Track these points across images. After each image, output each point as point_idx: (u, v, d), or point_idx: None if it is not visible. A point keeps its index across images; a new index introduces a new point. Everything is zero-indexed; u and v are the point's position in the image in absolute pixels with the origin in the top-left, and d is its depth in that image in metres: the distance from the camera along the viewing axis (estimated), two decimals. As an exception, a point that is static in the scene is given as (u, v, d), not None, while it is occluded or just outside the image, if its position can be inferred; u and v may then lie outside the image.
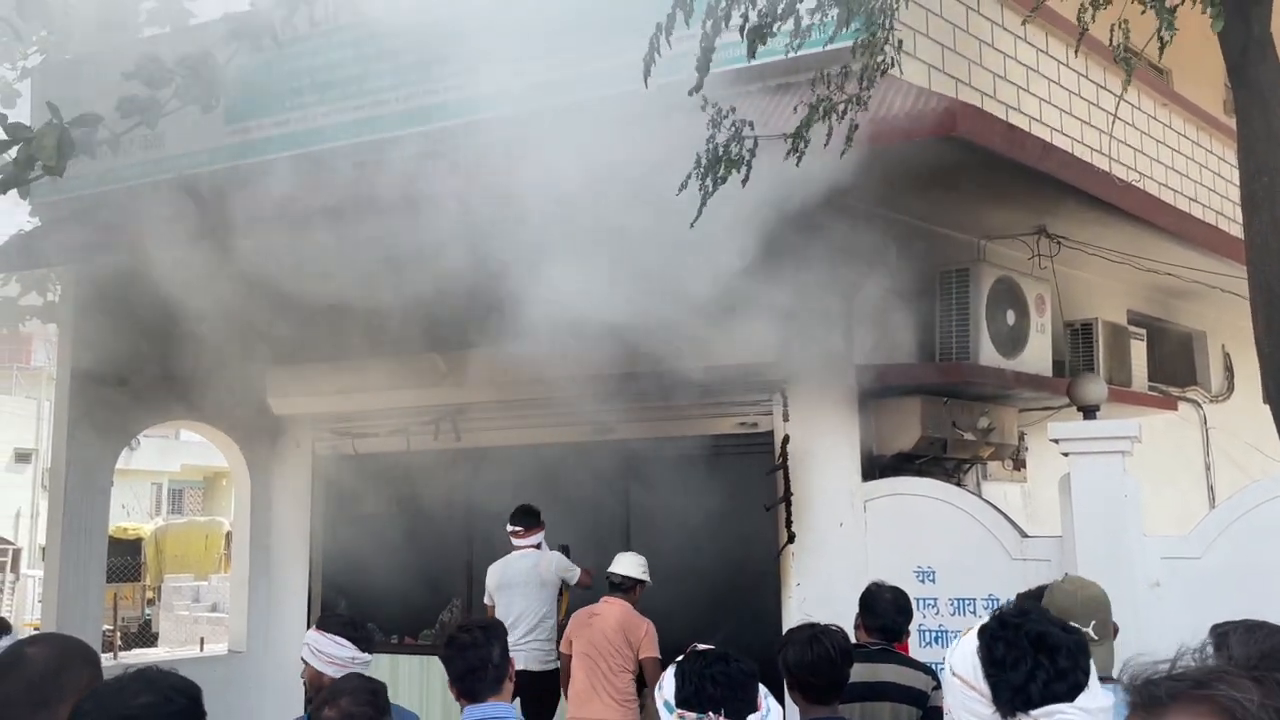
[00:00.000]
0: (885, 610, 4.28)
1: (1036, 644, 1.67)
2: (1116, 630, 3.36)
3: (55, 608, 7.75)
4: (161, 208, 6.61)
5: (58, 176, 5.06)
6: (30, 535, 26.28)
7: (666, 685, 2.59)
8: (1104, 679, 3.17)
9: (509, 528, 6.79)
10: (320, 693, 3.09)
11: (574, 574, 6.75)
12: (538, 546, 6.76)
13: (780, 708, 2.58)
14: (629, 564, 6.21)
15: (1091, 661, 1.73)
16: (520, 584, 6.62)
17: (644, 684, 5.97)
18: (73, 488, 7.89)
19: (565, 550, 6.89)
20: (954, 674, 1.74)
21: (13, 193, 5.81)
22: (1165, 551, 5.56)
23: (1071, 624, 1.78)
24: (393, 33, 6.81)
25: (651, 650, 5.99)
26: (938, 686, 4.10)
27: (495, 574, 6.76)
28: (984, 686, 1.67)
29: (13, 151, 5.17)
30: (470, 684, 3.25)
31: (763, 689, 2.56)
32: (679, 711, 2.50)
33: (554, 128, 6.40)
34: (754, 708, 2.49)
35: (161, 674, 2.06)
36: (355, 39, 6.95)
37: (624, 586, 6.14)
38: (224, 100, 5.88)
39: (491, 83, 6.45)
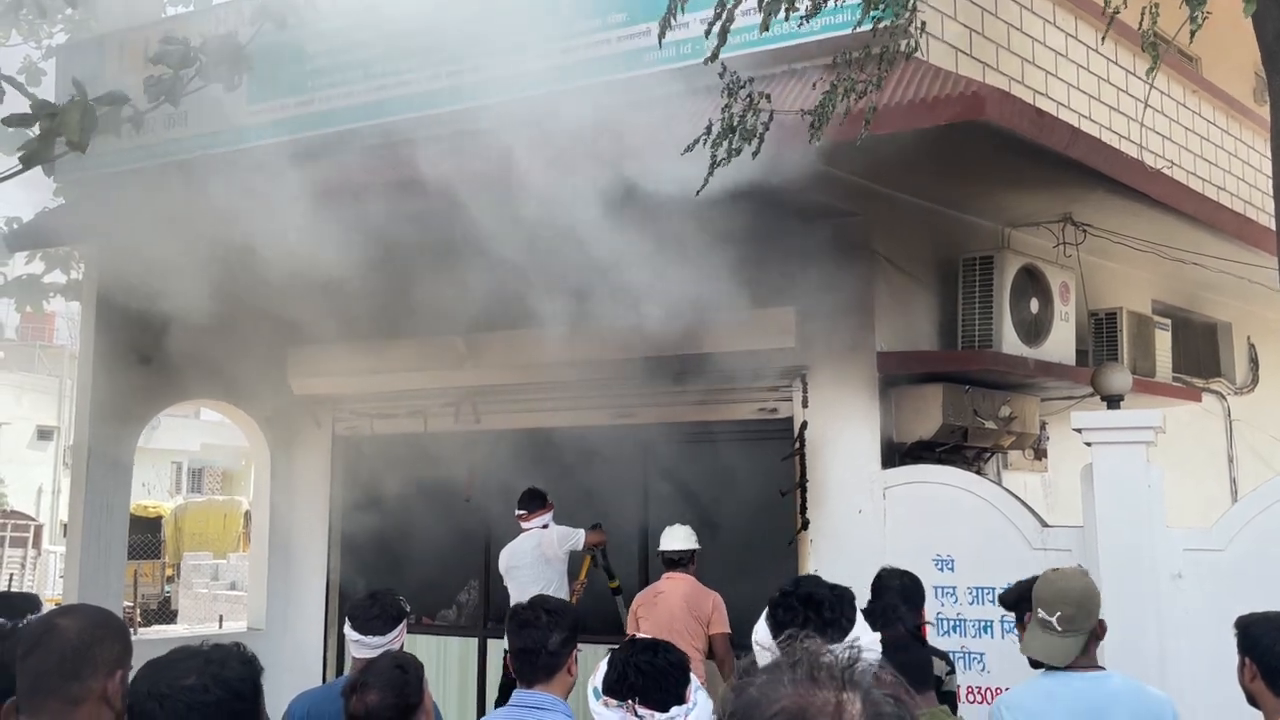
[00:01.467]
0: (892, 597, 4.27)
1: (805, 602, 2.04)
2: (1103, 628, 3.32)
3: (77, 584, 7.82)
4: (183, 186, 6.62)
5: (81, 153, 5.07)
6: (52, 511, 26.58)
7: (599, 670, 2.59)
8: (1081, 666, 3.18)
9: (516, 511, 6.80)
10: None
11: (577, 539, 6.69)
12: (544, 528, 6.76)
13: (711, 701, 2.55)
14: (680, 537, 6.19)
15: (857, 609, 2.09)
16: (527, 565, 6.64)
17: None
18: (95, 465, 7.95)
19: (597, 528, 6.88)
20: (756, 643, 2.07)
21: (37, 170, 5.83)
22: (1187, 544, 5.51)
23: (837, 585, 2.14)
24: (417, 13, 6.79)
25: (721, 625, 5.85)
26: (951, 672, 4.10)
27: (504, 558, 6.80)
28: (775, 647, 1.99)
29: (37, 128, 5.18)
30: (521, 664, 3.12)
31: (695, 682, 2.55)
32: (604, 698, 2.50)
33: (570, 108, 6.37)
34: (679, 700, 2.46)
35: (218, 659, 2.00)
36: (379, 19, 6.93)
37: (681, 560, 6.11)
38: (247, 79, 5.87)
39: (511, 66, 6.42)
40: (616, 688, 2.46)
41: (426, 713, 2.95)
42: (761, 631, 2.05)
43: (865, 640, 1.98)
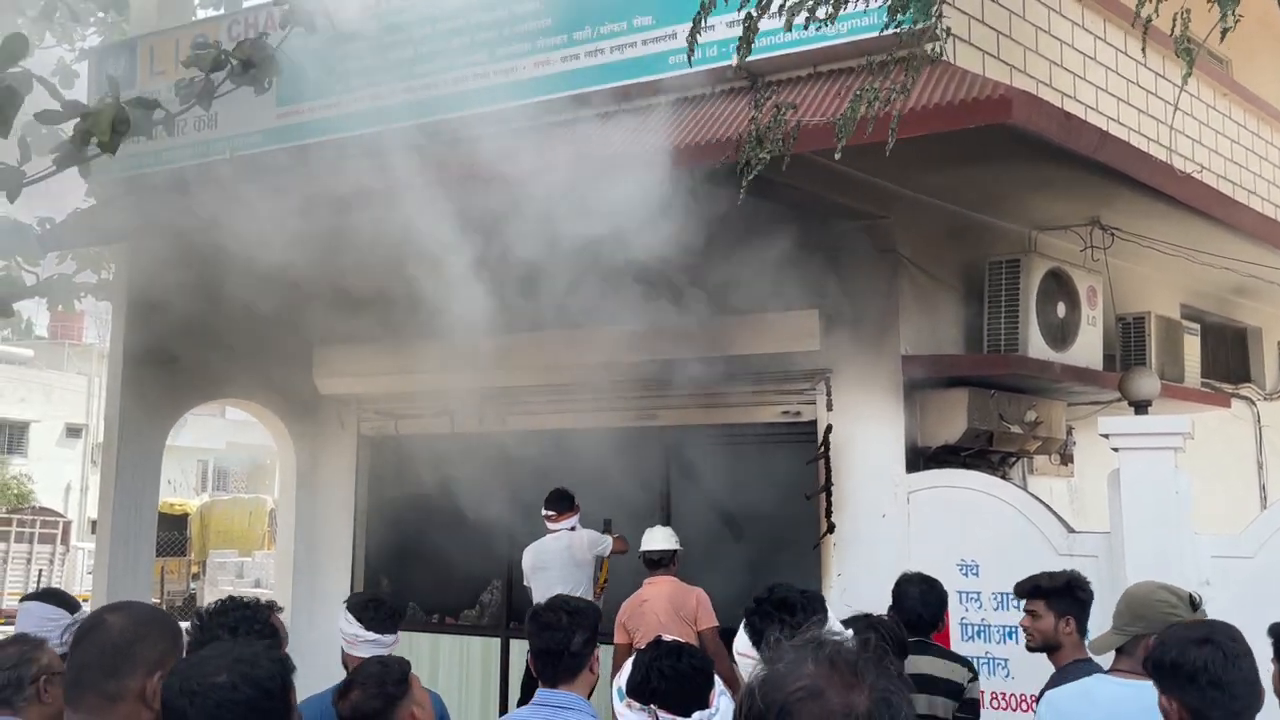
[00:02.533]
0: (911, 603, 4.26)
1: (779, 606, 2.14)
2: (1145, 640, 3.26)
3: (105, 580, 7.91)
4: (213, 188, 6.69)
5: (111, 154, 5.14)
6: (80, 508, 26.89)
7: (624, 672, 2.59)
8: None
9: (543, 511, 6.81)
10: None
11: (606, 545, 6.75)
12: (572, 529, 6.77)
13: (733, 704, 2.54)
14: (660, 538, 6.17)
15: (828, 609, 2.19)
16: (556, 566, 6.64)
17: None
18: (123, 463, 8.04)
19: (607, 525, 6.89)
20: (737, 653, 2.16)
21: (70, 171, 5.92)
22: (1216, 550, 5.46)
23: (807, 589, 2.22)
24: (447, 15, 6.83)
25: (709, 620, 5.80)
26: (974, 678, 4.09)
27: (529, 557, 6.79)
28: (754, 652, 2.09)
29: (70, 129, 5.26)
30: (544, 665, 3.12)
31: (719, 686, 2.55)
32: (627, 700, 2.51)
33: (594, 116, 6.39)
34: (702, 704, 2.47)
35: (248, 657, 2.02)
36: (408, 21, 6.98)
37: (662, 561, 6.10)
38: (276, 81, 5.93)
39: (538, 69, 6.45)
40: (639, 691, 2.47)
41: (419, 704, 2.93)
42: (742, 641, 2.12)
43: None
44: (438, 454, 8.10)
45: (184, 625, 2.47)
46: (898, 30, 4.45)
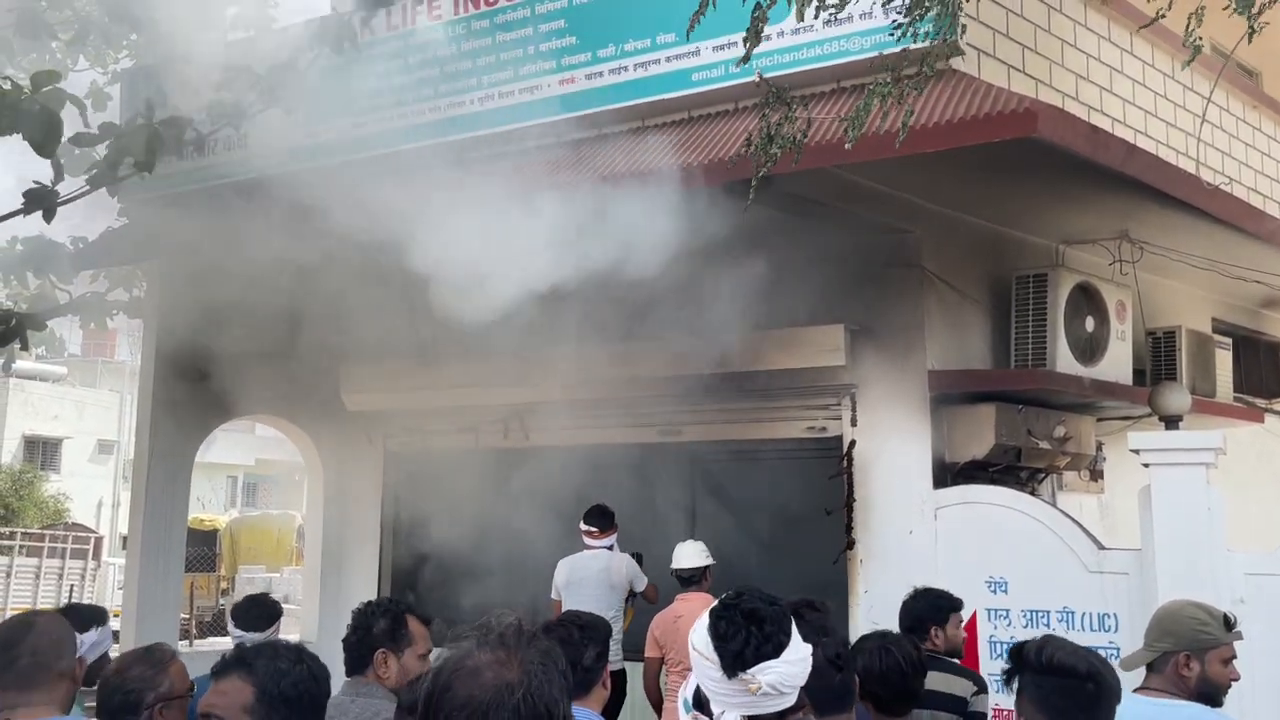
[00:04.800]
0: (902, 615, 4.29)
1: (748, 618, 2.07)
2: (1189, 665, 3.22)
3: (136, 595, 7.98)
4: (243, 207, 6.77)
5: (147, 174, 5.21)
6: (111, 524, 27.16)
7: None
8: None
9: (583, 527, 6.76)
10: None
11: (643, 582, 6.69)
12: (610, 549, 6.75)
13: None
14: (692, 554, 6.12)
15: (793, 623, 2.12)
16: (591, 584, 6.59)
17: None
18: (154, 479, 8.12)
19: (638, 558, 6.85)
20: (694, 648, 2.14)
21: (102, 190, 6.01)
22: (1249, 568, 5.39)
23: (777, 601, 2.17)
24: (469, 35, 6.90)
25: None
26: (979, 692, 4.05)
27: (564, 571, 6.75)
28: (714, 655, 2.08)
29: (103, 150, 5.34)
30: None
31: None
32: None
33: (618, 133, 6.42)
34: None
35: (266, 661, 2.23)
36: (429, 42, 7.06)
37: (694, 579, 6.07)
38: (305, 102, 6.01)
39: (563, 87, 6.50)
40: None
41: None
42: (699, 637, 2.14)
43: (801, 651, 2.11)
44: (463, 469, 8.13)
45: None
46: (913, 38, 4.42)
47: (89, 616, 3.75)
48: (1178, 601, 3.39)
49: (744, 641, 2.05)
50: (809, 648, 2.11)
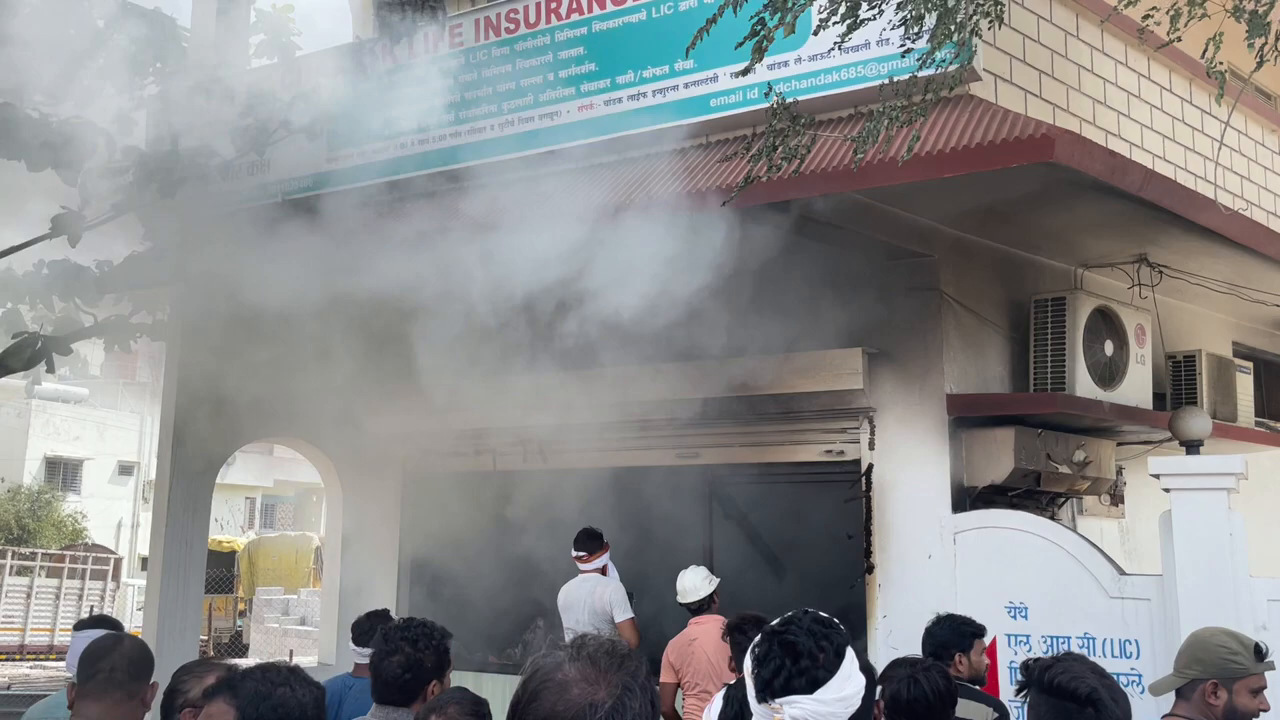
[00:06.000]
0: (926, 641, 4.31)
1: (785, 648, 2.05)
2: (1216, 693, 3.22)
3: (156, 616, 8.02)
4: (264, 231, 6.84)
5: (171, 199, 5.29)
6: (131, 545, 27.30)
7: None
8: None
9: (573, 552, 6.78)
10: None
11: (624, 613, 6.49)
12: (603, 569, 6.74)
13: None
14: (694, 584, 6.04)
15: (845, 660, 2.06)
16: (579, 609, 6.59)
17: None
18: (175, 500, 8.18)
19: (631, 598, 6.81)
20: (744, 669, 2.16)
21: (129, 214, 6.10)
22: (1273, 594, 5.34)
23: (830, 634, 2.10)
24: (490, 62, 6.98)
25: None
26: (1000, 718, 4.02)
27: (561, 596, 6.78)
28: (750, 676, 2.09)
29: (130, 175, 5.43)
30: None
31: None
32: None
33: (636, 158, 6.47)
34: None
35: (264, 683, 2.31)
36: (448, 69, 7.14)
37: (703, 608, 6.05)
38: (328, 128, 6.09)
39: (581, 113, 6.56)
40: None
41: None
42: (748, 660, 2.14)
43: (844, 692, 2.04)
44: (481, 492, 8.15)
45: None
46: (933, 64, 4.44)
47: (112, 629, 3.89)
48: (1209, 629, 3.38)
49: (775, 671, 2.03)
50: (858, 689, 2.06)
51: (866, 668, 2.14)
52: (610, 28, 6.71)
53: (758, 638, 2.14)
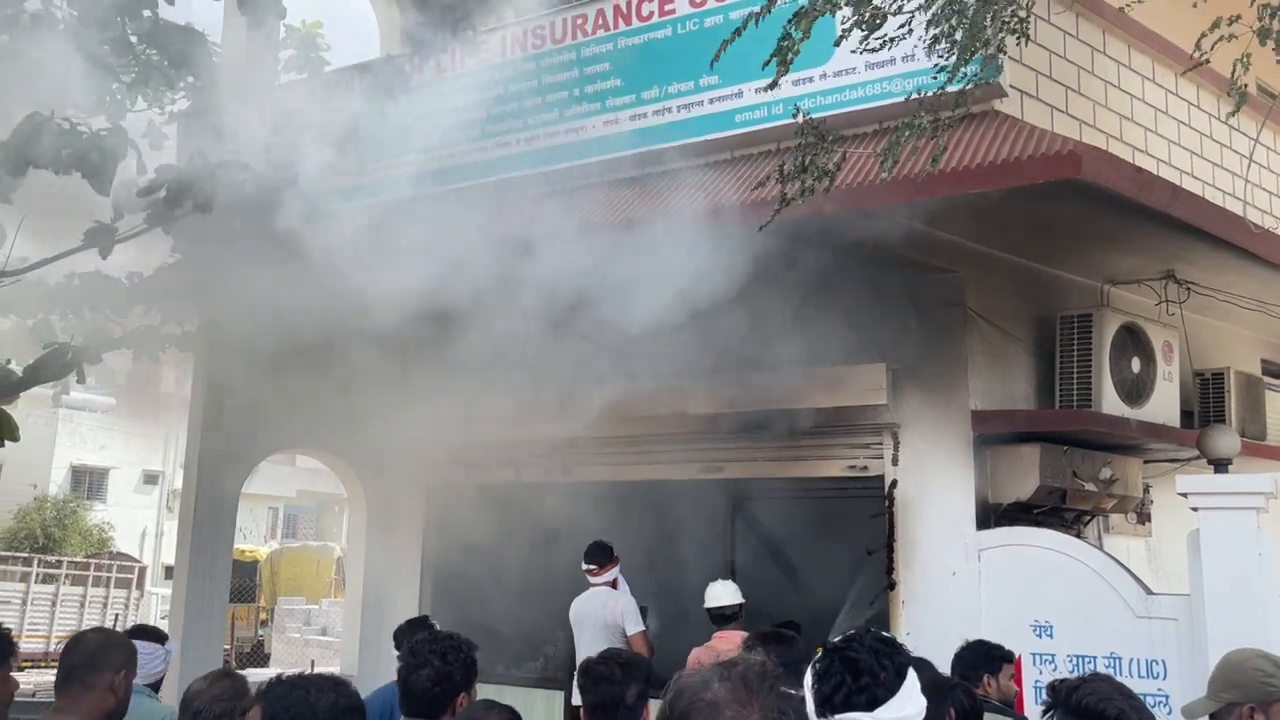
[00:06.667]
0: (955, 664, 4.29)
1: (846, 665, 2.04)
2: (1239, 710, 3.20)
3: (181, 625, 8.07)
4: (293, 244, 6.91)
5: (207, 214, 5.35)
6: (155, 554, 27.50)
7: None
8: None
9: (583, 566, 6.79)
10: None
11: (635, 626, 6.50)
12: (614, 583, 6.73)
13: None
14: (726, 592, 6.09)
15: (906, 679, 2.05)
16: (589, 623, 6.60)
17: None
18: (201, 509, 8.24)
19: (643, 612, 6.81)
20: (805, 684, 2.16)
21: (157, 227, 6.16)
22: (1304, 615, 5.28)
23: (894, 655, 2.10)
24: (511, 79, 7.03)
25: None
26: None
27: (573, 610, 6.80)
28: (810, 690, 2.07)
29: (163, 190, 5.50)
30: (598, 719, 3.15)
31: None
32: None
33: (660, 173, 6.50)
34: None
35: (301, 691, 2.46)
36: (477, 84, 7.20)
37: (732, 616, 6.04)
38: (357, 145, 6.15)
39: (606, 128, 6.60)
40: None
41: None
42: (809, 675, 2.14)
43: (904, 712, 2.04)
44: (503, 504, 8.17)
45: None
46: (963, 80, 4.44)
47: (155, 638, 4.20)
48: (1243, 651, 3.34)
49: (835, 687, 2.03)
50: (919, 711, 2.06)
51: (934, 683, 2.14)
52: (636, 44, 6.76)
53: (819, 654, 2.14)
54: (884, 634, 2.13)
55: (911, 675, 2.07)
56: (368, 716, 2.76)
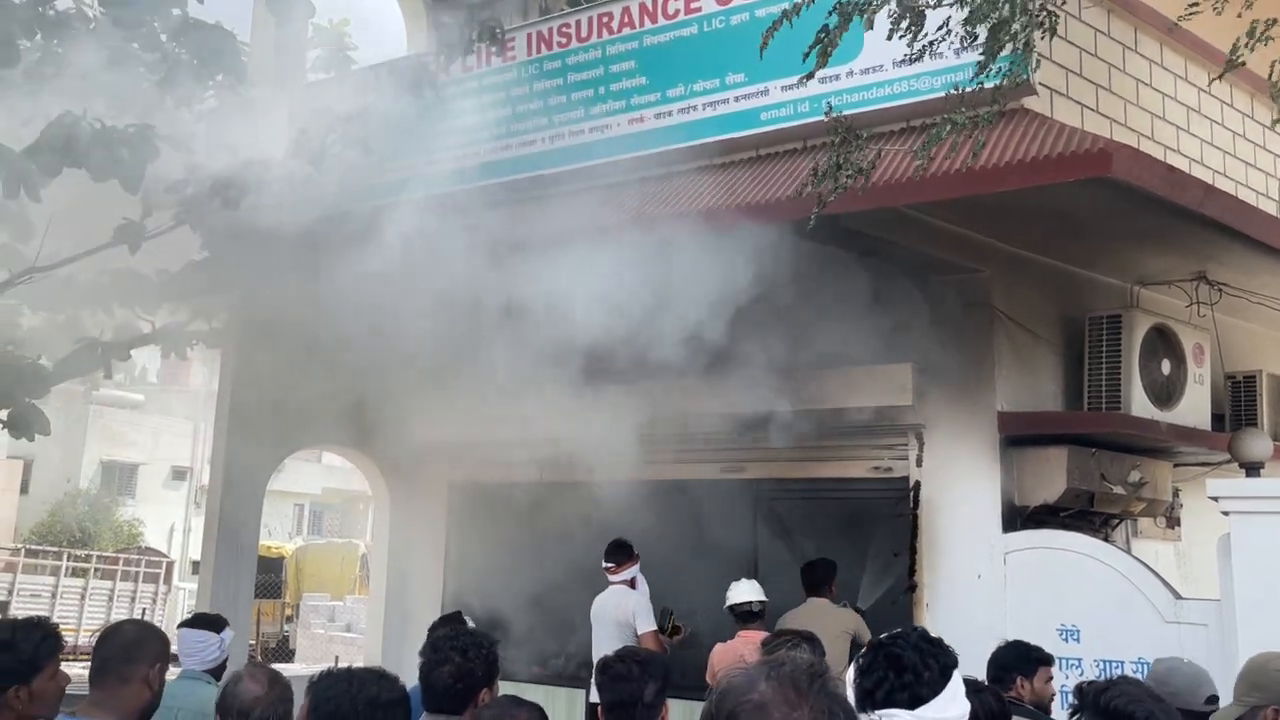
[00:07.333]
0: (990, 665, 4.25)
1: (889, 661, 2.05)
2: (1264, 713, 3.16)
3: (207, 619, 8.13)
4: (320, 242, 6.95)
5: (235, 211, 5.39)
6: (182, 549, 27.77)
7: None
8: None
9: (603, 564, 6.79)
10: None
11: (646, 625, 6.47)
12: (632, 581, 6.73)
13: None
14: (750, 590, 6.08)
15: (951, 680, 2.05)
16: (606, 621, 6.62)
17: None
18: (228, 505, 8.31)
19: (666, 613, 6.80)
20: (850, 677, 2.15)
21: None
22: (1336, 621, 5.19)
23: (938, 653, 2.09)
24: (534, 78, 7.04)
25: None
26: None
27: (592, 609, 6.82)
28: (852, 685, 2.07)
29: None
30: (616, 717, 3.12)
31: None
32: None
33: (687, 171, 6.48)
34: None
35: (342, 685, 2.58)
36: (502, 83, 7.21)
37: (757, 614, 6.03)
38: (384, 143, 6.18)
39: (631, 126, 6.59)
40: None
41: None
42: (853, 669, 2.14)
43: (947, 713, 2.04)
44: (526, 502, 8.18)
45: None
46: (996, 75, 4.40)
47: (211, 626, 4.19)
48: (1267, 654, 3.31)
49: (877, 682, 2.03)
50: (962, 713, 2.05)
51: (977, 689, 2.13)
52: (661, 42, 6.74)
53: (864, 649, 2.14)
54: (930, 634, 2.12)
55: (956, 677, 2.05)
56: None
